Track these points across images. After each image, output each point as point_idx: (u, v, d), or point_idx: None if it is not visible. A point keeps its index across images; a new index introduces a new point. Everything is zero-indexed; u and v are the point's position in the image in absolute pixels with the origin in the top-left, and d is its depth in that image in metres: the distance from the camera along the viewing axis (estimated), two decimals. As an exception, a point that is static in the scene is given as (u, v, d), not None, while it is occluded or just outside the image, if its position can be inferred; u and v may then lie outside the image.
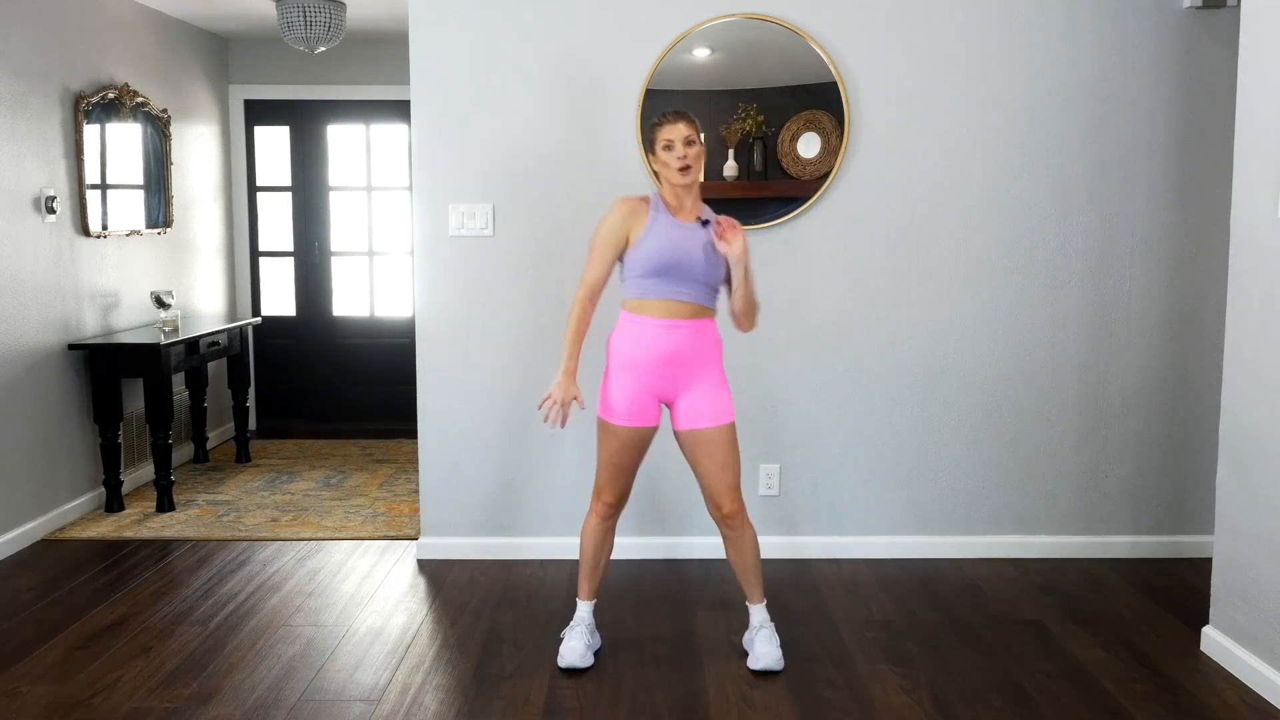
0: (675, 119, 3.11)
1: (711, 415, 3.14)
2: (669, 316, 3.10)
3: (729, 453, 3.16)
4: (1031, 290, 4.18)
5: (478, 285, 4.17)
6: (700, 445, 3.16)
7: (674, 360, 3.11)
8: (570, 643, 3.26)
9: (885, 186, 4.13)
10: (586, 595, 3.32)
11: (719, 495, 3.17)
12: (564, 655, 3.24)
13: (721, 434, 3.15)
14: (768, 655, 3.21)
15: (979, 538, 4.28)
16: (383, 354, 6.98)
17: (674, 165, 3.09)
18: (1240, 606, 3.20)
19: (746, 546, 3.23)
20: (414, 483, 5.33)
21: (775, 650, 3.22)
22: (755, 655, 3.22)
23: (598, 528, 3.25)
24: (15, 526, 4.41)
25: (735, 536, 3.22)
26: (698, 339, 3.13)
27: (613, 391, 3.16)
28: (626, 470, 3.21)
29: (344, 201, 6.92)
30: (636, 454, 3.20)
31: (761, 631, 3.25)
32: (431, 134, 4.12)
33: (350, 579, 4.07)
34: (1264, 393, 3.09)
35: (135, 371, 4.93)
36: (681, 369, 3.13)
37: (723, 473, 3.16)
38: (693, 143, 3.10)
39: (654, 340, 3.10)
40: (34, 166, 4.59)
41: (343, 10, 5.18)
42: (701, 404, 3.14)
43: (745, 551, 3.24)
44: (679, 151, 3.09)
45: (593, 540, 3.26)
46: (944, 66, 4.09)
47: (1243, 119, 3.21)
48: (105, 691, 3.07)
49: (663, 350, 3.10)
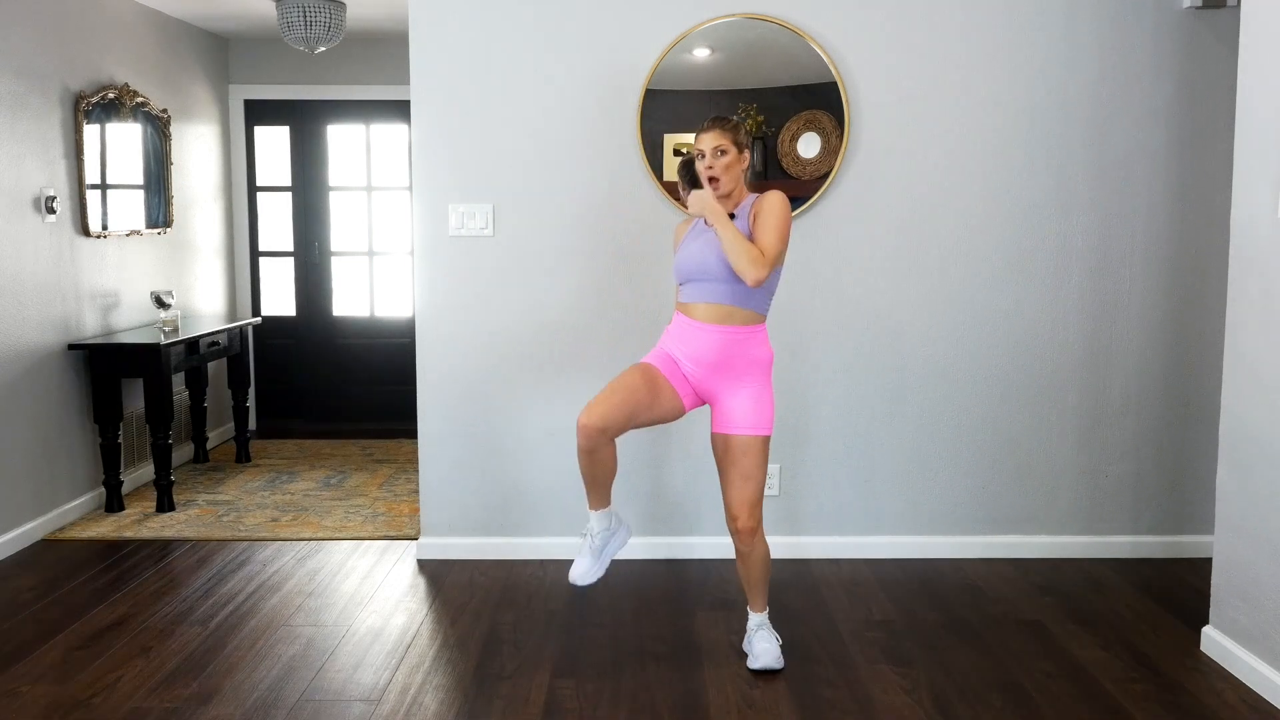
0: (709, 126, 3.12)
1: (746, 424, 3.11)
2: (705, 320, 3.10)
3: (755, 465, 3.12)
4: (1031, 290, 4.18)
5: (478, 285, 4.17)
6: (729, 451, 3.14)
7: (706, 361, 3.10)
8: (578, 561, 3.24)
9: (885, 186, 4.13)
10: (592, 504, 3.23)
11: (736, 507, 3.14)
12: (571, 573, 3.25)
13: (751, 444, 3.11)
14: (767, 654, 3.20)
15: (979, 538, 4.28)
16: (383, 354, 6.98)
17: (703, 175, 3.10)
18: (1240, 606, 3.20)
19: (755, 563, 3.21)
20: (414, 483, 5.33)
21: (775, 649, 3.22)
22: (755, 655, 3.22)
23: (583, 447, 3.08)
24: (15, 526, 4.41)
25: (746, 552, 3.19)
26: (735, 344, 3.10)
27: (656, 350, 3.21)
28: (620, 398, 3.04)
29: (344, 201, 6.92)
30: (644, 392, 3.08)
31: (760, 631, 3.25)
32: (431, 134, 4.12)
33: (350, 579, 4.07)
34: (1264, 393, 3.09)
35: (135, 371, 4.93)
36: (715, 371, 3.11)
37: (744, 484, 3.13)
38: (724, 152, 3.08)
39: (690, 338, 3.12)
40: (34, 166, 4.59)
41: (343, 10, 5.18)
42: (739, 411, 3.12)
43: (753, 568, 3.22)
44: (707, 161, 3.10)
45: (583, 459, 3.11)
46: (944, 66, 4.09)
47: (1243, 119, 3.21)
48: (105, 691, 3.07)
49: (695, 350, 3.11)
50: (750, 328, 3.12)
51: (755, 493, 3.14)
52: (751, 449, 3.11)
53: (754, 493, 3.13)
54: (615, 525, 3.26)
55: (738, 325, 3.10)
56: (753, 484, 3.13)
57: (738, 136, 3.10)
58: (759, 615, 3.28)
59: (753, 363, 3.13)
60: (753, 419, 3.11)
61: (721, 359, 3.10)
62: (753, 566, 3.22)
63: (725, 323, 3.09)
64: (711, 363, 3.10)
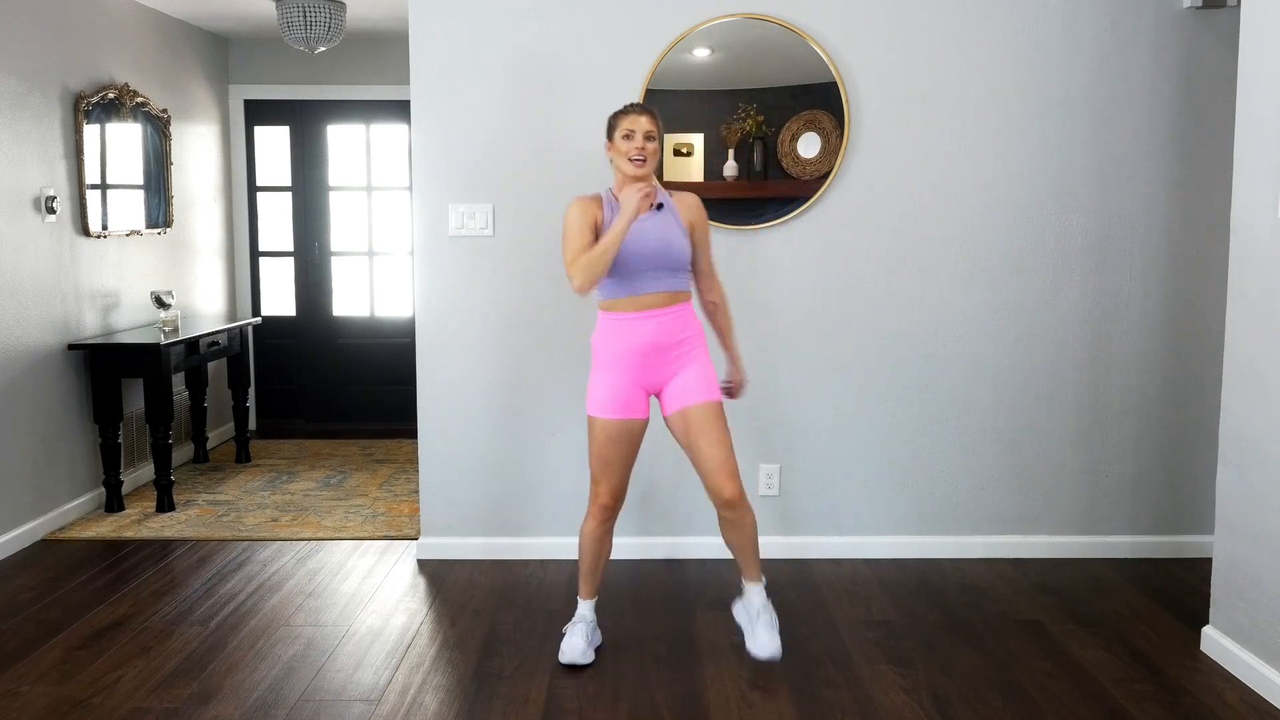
0: (640, 111, 3.16)
1: (698, 393, 3.14)
2: (643, 309, 3.12)
3: (722, 429, 3.14)
4: (1031, 290, 4.18)
5: (478, 285, 4.17)
6: (691, 424, 3.14)
7: (654, 349, 3.13)
8: (571, 639, 3.26)
9: (885, 186, 4.13)
10: (587, 594, 3.32)
11: (718, 478, 3.12)
12: (565, 652, 3.25)
13: (711, 409, 3.14)
14: (770, 643, 3.16)
15: (979, 538, 4.28)
16: (383, 354, 6.98)
17: (628, 154, 3.11)
18: (1240, 606, 3.20)
19: (746, 531, 3.19)
20: (414, 483, 5.33)
21: (776, 638, 3.18)
22: (758, 642, 3.17)
23: (594, 531, 3.25)
24: (15, 526, 4.41)
25: (736, 520, 3.17)
26: (676, 325, 3.14)
27: (599, 388, 3.18)
28: (617, 466, 3.19)
29: (344, 201, 6.92)
30: (627, 448, 3.19)
31: (762, 617, 3.20)
32: (431, 134, 4.12)
33: (350, 579, 4.07)
34: (1264, 393, 3.09)
35: (135, 371, 4.93)
36: (663, 356, 3.14)
37: (716, 450, 3.12)
38: (652, 138, 3.13)
39: (632, 332, 3.13)
40: (34, 166, 4.59)
41: (343, 10, 5.18)
42: (687, 385, 3.15)
43: (744, 535, 3.20)
44: (637, 142, 3.11)
45: (590, 543, 3.26)
46: (944, 66, 4.09)
47: (1243, 119, 3.21)
48: (105, 691, 3.07)
49: (641, 340, 3.12)
50: (688, 304, 3.20)
51: (731, 458, 3.14)
52: (713, 414, 3.14)
53: (730, 458, 3.14)
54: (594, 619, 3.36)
55: (680, 305, 3.17)
56: (725, 449, 3.14)
57: (661, 130, 3.18)
58: (758, 590, 3.24)
59: (694, 335, 3.19)
60: (705, 386, 3.16)
61: (672, 340, 3.14)
62: (745, 534, 3.19)
63: (672, 305, 3.15)
64: (662, 346, 3.13)
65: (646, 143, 3.11)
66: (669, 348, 3.14)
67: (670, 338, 3.14)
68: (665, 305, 3.13)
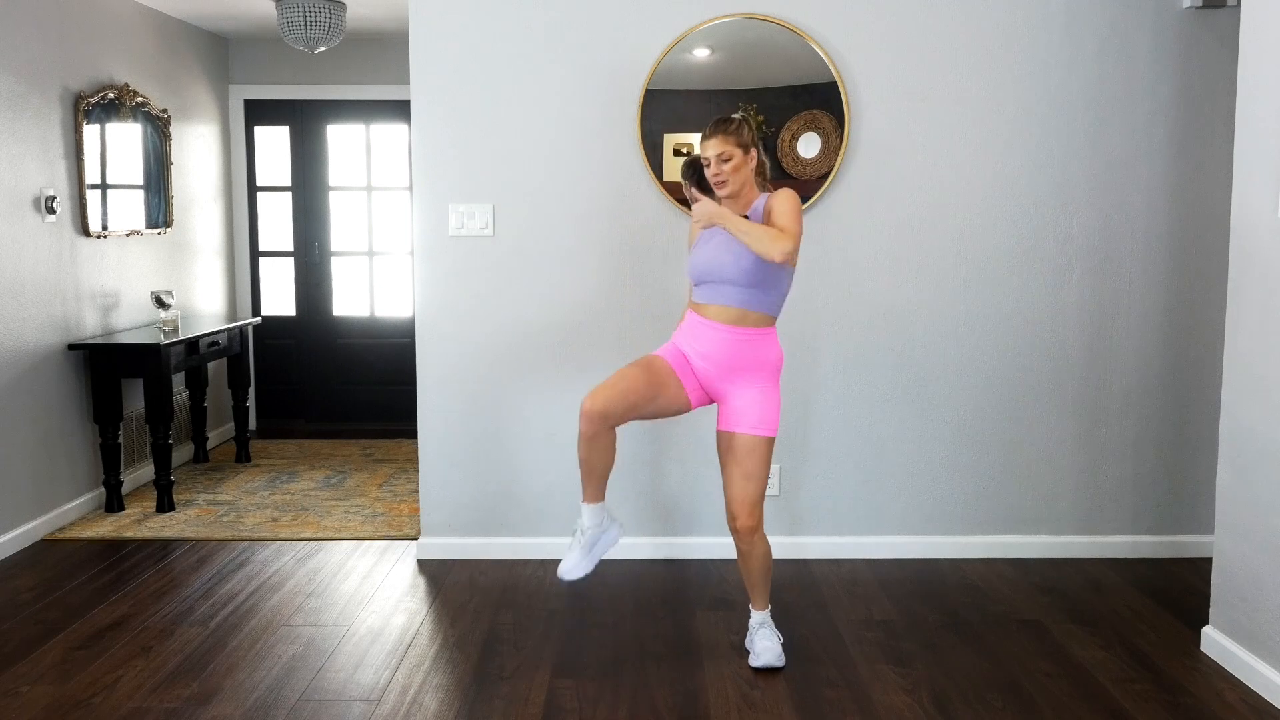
0: (711, 132, 3.11)
1: (751, 424, 3.11)
2: (717, 320, 3.11)
3: (757, 465, 3.12)
4: (1031, 290, 4.18)
5: (478, 285, 4.17)
6: (733, 450, 3.14)
7: (716, 360, 3.10)
8: (565, 558, 3.21)
9: (885, 186, 4.13)
10: (586, 497, 3.21)
11: (736, 506, 3.14)
12: (560, 571, 3.22)
13: (756, 444, 3.11)
14: (769, 652, 3.20)
15: (979, 538, 4.28)
16: (383, 354, 6.98)
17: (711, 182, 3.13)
18: (1240, 606, 3.20)
19: (755, 562, 3.21)
20: (414, 483, 5.33)
21: (776, 647, 3.22)
22: (756, 652, 3.22)
23: (583, 434, 3.08)
24: (15, 526, 4.41)
25: (746, 551, 3.19)
26: (746, 345, 3.10)
27: (668, 344, 3.21)
28: (627, 385, 3.06)
29: (344, 201, 6.92)
30: (648, 383, 3.08)
31: (762, 629, 3.25)
32: (431, 134, 4.12)
33: (350, 579, 4.07)
34: (1264, 393, 3.09)
35: (135, 371, 4.93)
36: (725, 370, 3.11)
37: (745, 483, 3.12)
38: (727, 159, 3.08)
39: (703, 336, 3.12)
40: (34, 166, 4.59)
41: (343, 10, 5.18)
42: (745, 410, 3.11)
43: (753, 567, 3.22)
44: (714, 168, 3.10)
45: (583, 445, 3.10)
46: (944, 66, 4.09)
47: (1243, 119, 3.21)
48: (105, 691, 3.07)
49: (706, 348, 3.11)
50: (761, 330, 3.12)
51: (756, 493, 3.13)
52: (756, 449, 3.11)
53: (755, 493, 3.13)
54: (607, 523, 3.23)
55: (749, 327, 3.10)
56: (754, 484, 3.12)
57: (741, 138, 3.09)
58: (761, 614, 3.28)
59: (763, 364, 3.13)
60: (758, 419, 3.11)
61: (732, 359, 3.10)
62: (754, 565, 3.22)
63: (737, 324, 3.09)
64: (722, 362, 3.10)
65: (722, 165, 3.08)
66: (731, 366, 3.10)
67: (734, 357, 3.09)
68: (734, 323, 3.08)
